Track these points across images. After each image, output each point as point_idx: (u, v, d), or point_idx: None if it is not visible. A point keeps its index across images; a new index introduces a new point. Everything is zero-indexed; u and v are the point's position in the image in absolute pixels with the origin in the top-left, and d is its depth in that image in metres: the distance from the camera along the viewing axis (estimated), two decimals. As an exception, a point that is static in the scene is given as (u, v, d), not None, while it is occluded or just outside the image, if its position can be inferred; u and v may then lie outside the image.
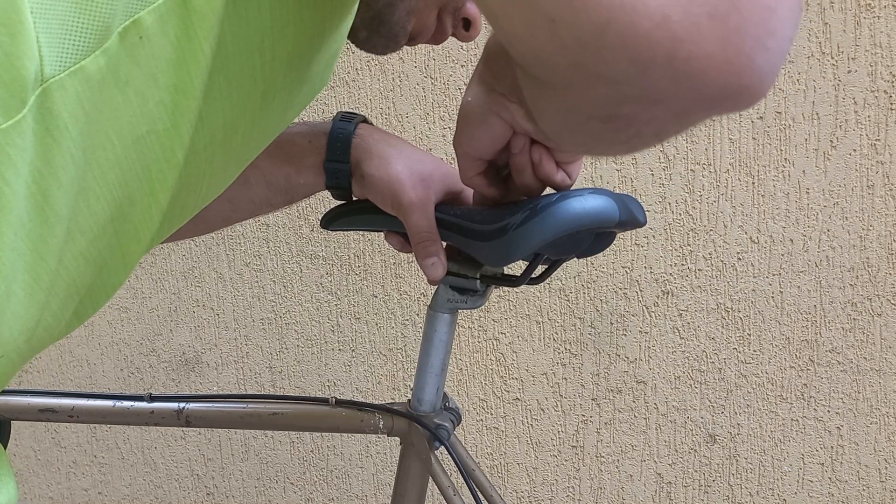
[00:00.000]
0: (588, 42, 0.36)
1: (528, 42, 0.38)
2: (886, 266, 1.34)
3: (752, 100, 0.38)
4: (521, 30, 0.37)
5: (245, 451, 1.61)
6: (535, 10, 0.36)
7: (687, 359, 1.42)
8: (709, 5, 0.34)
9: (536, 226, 0.64)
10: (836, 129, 1.31)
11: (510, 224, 0.66)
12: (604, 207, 0.64)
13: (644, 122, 0.41)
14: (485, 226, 0.69)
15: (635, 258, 1.40)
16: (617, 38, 0.35)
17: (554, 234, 0.64)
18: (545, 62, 0.39)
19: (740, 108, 0.39)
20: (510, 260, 0.68)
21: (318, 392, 1.55)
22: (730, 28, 0.35)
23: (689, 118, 0.41)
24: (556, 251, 0.71)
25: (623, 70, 0.36)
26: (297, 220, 1.49)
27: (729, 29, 0.35)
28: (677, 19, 0.34)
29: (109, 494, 1.68)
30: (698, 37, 0.35)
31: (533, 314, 1.44)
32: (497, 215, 0.68)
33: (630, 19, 0.34)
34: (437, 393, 0.87)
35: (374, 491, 1.58)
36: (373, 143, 0.77)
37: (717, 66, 0.35)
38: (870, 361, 1.38)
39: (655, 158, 1.36)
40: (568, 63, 0.37)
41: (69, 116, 0.41)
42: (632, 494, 1.49)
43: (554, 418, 1.49)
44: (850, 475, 1.42)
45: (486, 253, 0.67)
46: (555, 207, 0.64)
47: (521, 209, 0.66)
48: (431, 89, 1.40)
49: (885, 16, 1.26)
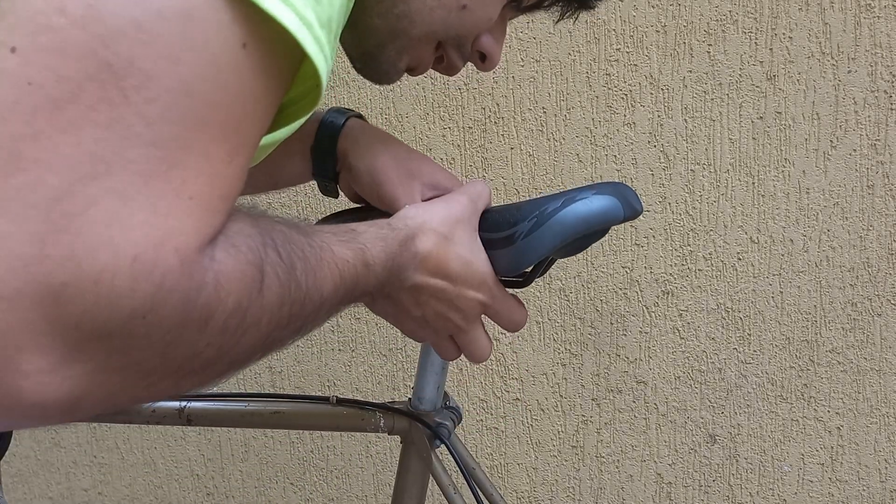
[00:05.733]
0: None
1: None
2: (886, 266, 1.34)
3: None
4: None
5: (245, 451, 1.61)
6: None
7: (687, 359, 1.42)
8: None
9: (545, 233, 0.64)
10: (836, 129, 1.31)
11: (518, 233, 0.66)
12: (609, 207, 0.64)
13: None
14: (492, 234, 0.68)
15: (635, 258, 1.40)
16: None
17: (563, 240, 0.64)
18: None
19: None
20: (520, 269, 0.67)
21: (318, 392, 1.55)
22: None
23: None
24: (563, 253, 0.71)
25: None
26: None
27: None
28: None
29: (109, 494, 1.68)
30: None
31: (533, 314, 1.44)
32: (503, 221, 0.68)
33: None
34: (437, 391, 0.87)
35: (374, 491, 1.57)
36: (360, 135, 0.77)
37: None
38: (870, 361, 1.38)
39: (656, 158, 1.36)
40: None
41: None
42: (632, 494, 1.49)
43: (554, 418, 1.49)
44: (851, 475, 1.42)
45: (496, 261, 0.67)
46: (562, 214, 0.64)
47: (527, 216, 0.66)
48: (431, 89, 1.40)
49: (885, 16, 1.26)
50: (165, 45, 0.37)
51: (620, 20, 1.33)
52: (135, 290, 0.35)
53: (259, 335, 0.43)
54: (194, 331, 0.39)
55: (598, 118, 1.36)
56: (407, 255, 0.59)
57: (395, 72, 0.68)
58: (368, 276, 0.54)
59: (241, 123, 0.41)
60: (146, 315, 0.36)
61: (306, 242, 0.48)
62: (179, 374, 0.40)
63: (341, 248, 0.52)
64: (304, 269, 0.46)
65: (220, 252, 0.40)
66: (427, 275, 0.62)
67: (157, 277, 0.36)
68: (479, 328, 0.68)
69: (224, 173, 0.40)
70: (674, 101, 1.34)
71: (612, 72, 1.34)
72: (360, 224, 0.56)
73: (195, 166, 0.38)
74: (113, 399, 0.39)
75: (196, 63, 0.38)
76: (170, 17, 0.37)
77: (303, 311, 0.47)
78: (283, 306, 0.44)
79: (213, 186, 0.39)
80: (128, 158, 0.36)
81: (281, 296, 0.43)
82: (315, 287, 0.47)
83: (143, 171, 0.36)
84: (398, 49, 0.65)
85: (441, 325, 0.66)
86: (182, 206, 0.38)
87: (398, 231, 0.59)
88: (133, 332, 0.36)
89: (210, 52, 0.38)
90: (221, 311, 0.39)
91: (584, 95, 1.36)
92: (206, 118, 0.39)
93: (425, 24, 0.63)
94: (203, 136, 0.39)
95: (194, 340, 0.39)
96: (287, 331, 0.46)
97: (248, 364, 0.45)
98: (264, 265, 0.42)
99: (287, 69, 0.43)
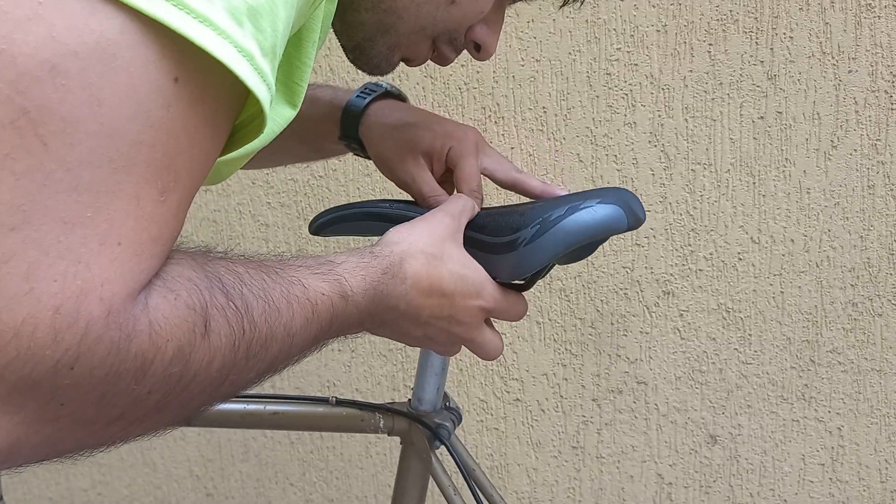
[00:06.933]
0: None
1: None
2: (887, 266, 1.33)
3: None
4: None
5: (245, 451, 1.60)
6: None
7: (688, 359, 1.42)
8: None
9: (548, 241, 0.64)
10: (836, 129, 1.31)
11: (520, 239, 0.65)
12: (612, 217, 0.64)
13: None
14: (494, 238, 0.68)
15: (636, 258, 1.39)
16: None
17: (565, 248, 0.64)
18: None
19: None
20: (521, 275, 0.67)
21: (318, 392, 1.54)
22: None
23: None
24: (566, 260, 0.71)
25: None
26: (297, 220, 1.49)
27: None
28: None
29: (109, 495, 1.68)
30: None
31: (533, 314, 1.44)
32: (506, 226, 0.68)
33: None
34: (437, 392, 0.87)
35: (374, 491, 1.57)
36: (375, 122, 0.78)
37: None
38: (870, 362, 1.37)
39: (656, 158, 1.35)
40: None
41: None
42: (632, 495, 1.49)
43: (554, 419, 1.48)
44: (851, 475, 1.42)
45: (498, 266, 0.67)
46: (565, 222, 0.64)
47: (530, 222, 0.65)
48: (431, 89, 1.40)
49: (885, 16, 1.26)
50: (83, 86, 0.35)
51: (621, 20, 1.32)
52: (58, 342, 0.35)
53: (210, 379, 0.42)
54: (129, 380, 0.38)
55: (599, 118, 1.36)
56: (394, 281, 0.58)
57: (388, 64, 0.68)
58: (347, 307, 0.53)
59: (174, 159, 0.39)
60: (73, 366, 0.35)
61: (270, 280, 0.47)
62: (125, 420, 0.39)
63: (315, 281, 0.51)
64: (265, 309, 0.45)
65: (156, 297, 0.39)
66: (422, 296, 0.61)
67: (80, 328, 0.35)
68: (485, 331, 0.67)
69: (156, 214, 0.39)
70: (674, 100, 1.33)
71: (613, 71, 1.34)
72: (340, 254, 0.56)
73: (123, 209, 0.37)
74: (53, 447, 0.38)
75: (119, 103, 0.36)
76: (86, 57, 0.35)
77: (266, 351, 0.46)
78: (238, 349, 0.43)
79: (144, 229, 0.38)
80: (48, 207, 0.35)
81: (232, 338, 0.43)
82: (280, 325, 0.46)
83: (65, 218, 0.35)
84: (389, 44, 0.65)
85: (446, 339, 0.66)
86: (108, 253, 0.37)
87: (381, 258, 0.58)
88: (61, 384, 0.35)
89: (135, 91, 0.37)
90: (160, 359, 0.38)
91: (584, 95, 1.36)
92: (134, 158, 0.37)
93: (413, 20, 0.62)
94: (131, 178, 0.37)
95: (131, 389, 0.38)
96: (250, 372, 0.46)
97: (208, 406, 0.44)
98: (209, 308, 0.41)
99: (231, 96, 0.42)
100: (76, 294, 0.35)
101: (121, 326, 0.37)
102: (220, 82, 0.40)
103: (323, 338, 0.53)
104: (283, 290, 0.47)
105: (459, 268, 0.64)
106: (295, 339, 0.48)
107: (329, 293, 0.51)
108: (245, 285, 0.45)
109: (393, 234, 0.63)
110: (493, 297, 0.66)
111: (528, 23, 1.35)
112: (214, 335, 0.41)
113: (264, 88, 0.41)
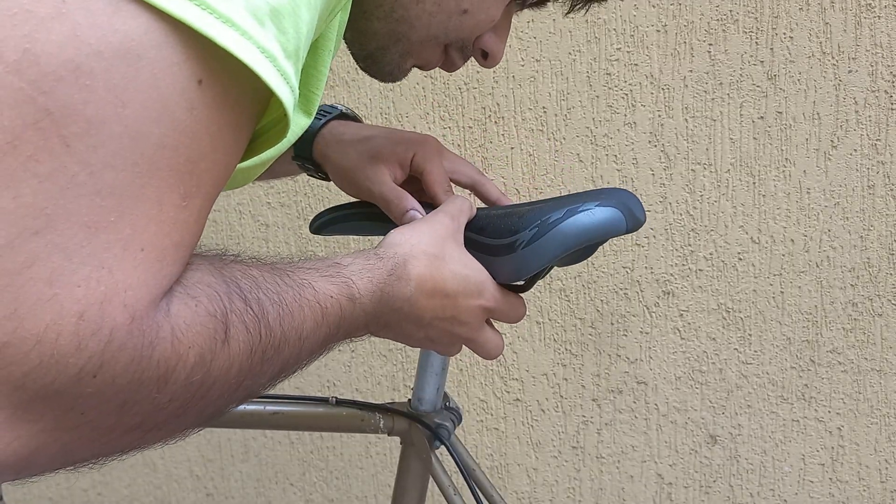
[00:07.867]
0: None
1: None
2: (887, 266, 1.33)
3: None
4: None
5: (245, 451, 1.60)
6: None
7: (688, 359, 1.42)
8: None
9: (547, 243, 0.64)
10: (836, 129, 1.31)
11: (519, 241, 0.65)
12: (612, 220, 0.64)
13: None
14: (493, 240, 0.68)
15: (636, 258, 1.39)
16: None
17: (564, 251, 0.64)
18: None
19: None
20: (520, 277, 0.67)
21: (318, 392, 1.54)
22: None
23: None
24: (565, 262, 0.71)
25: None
26: (297, 220, 1.49)
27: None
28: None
29: (109, 495, 1.68)
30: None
31: (533, 314, 1.44)
32: (505, 228, 0.68)
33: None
34: (437, 392, 0.87)
35: (374, 491, 1.57)
36: (332, 141, 0.78)
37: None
38: (870, 362, 1.37)
39: (656, 158, 1.35)
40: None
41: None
42: (632, 495, 1.49)
43: (554, 419, 1.48)
44: (851, 475, 1.42)
45: (497, 268, 0.67)
46: (564, 225, 0.64)
47: (529, 224, 0.65)
48: (431, 89, 1.40)
49: (885, 16, 1.26)
50: (108, 87, 0.34)
51: (621, 20, 1.32)
52: (81, 349, 0.34)
53: (228, 385, 0.42)
54: (151, 388, 0.37)
55: (599, 118, 1.36)
56: (399, 283, 0.58)
57: (401, 72, 0.68)
58: (355, 309, 0.53)
59: (196, 164, 0.39)
60: (96, 374, 0.35)
61: (283, 283, 0.47)
62: (143, 428, 0.39)
63: (324, 284, 0.50)
64: (280, 314, 0.45)
65: (177, 304, 0.38)
66: (426, 297, 0.61)
67: (104, 335, 0.35)
68: (487, 331, 0.68)
69: (178, 219, 0.38)
70: (674, 100, 1.33)
71: (613, 71, 1.34)
72: (346, 256, 0.56)
73: (146, 214, 0.36)
74: (70, 456, 0.38)
75: (143, 105, 0.35)
76: (110, 57, 0.34)
77: (279, 355, 0.45)
78: (254, 354, 0.43)
79: (167, 234, 0.38)
80: (71, 210, 0.34)
81: (250, 343, 0.42)
82: (293, 329, 0.46)
83: (88, 222, 0.34)
84: (401, 52, 0.64)
85: (448, 340, 0.66)
86: (131, 259, 0.36)
87: (386, 260, 0.58)
88: (83, 392, 0.35)
89: (159, 92, 0.36)
90: (182, 366, 0.38)
91: (584, 95, 1.36)
92: (157, 162, 0.36)
93: (425, 29, 0.62)
94: (154, 182, 0.37)
95: (153, 397, 0.37)
96: (263, 377, 0.45)
97: (222, 413, 0.44)
98: (228, 314, 0.41)
99: (253, 100, 0.41)
100: (100, 300, 0.35)
101: (144, 333, 0.36)
102: (242, 85, 0.40)
103: (331, 340, 0.52)
104: (294, 294, 0.47)
105: (461, 268, 0.64)
106: (305, 342, 0.48)
107: (337, 296, 0.51)
108: (261, 290, 0.44)
109: (395, 235, 0.63)
110: (495, 297, 0.66)
111: (528, 23, 1.35)
112: (234, 342, 0.41)
113: (287, 90, 0.41)
